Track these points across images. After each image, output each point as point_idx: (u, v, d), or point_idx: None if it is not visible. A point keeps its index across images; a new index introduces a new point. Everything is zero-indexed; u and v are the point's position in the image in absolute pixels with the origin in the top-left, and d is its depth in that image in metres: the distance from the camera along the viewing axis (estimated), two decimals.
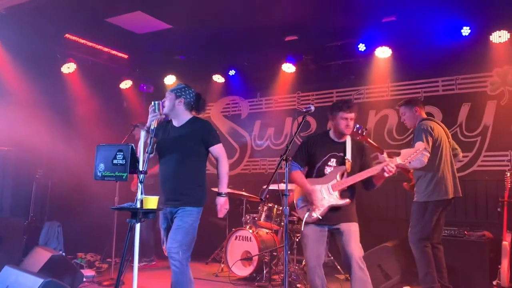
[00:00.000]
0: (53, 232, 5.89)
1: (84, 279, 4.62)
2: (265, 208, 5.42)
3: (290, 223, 5.33)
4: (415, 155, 3.49)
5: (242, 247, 5.20)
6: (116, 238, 6.48)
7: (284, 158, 3.16)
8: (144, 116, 4.11)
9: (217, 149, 3.63)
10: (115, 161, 2.90)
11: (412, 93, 5.95)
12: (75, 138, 6.29)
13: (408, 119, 4.57)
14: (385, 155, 4.28)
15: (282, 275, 5.06)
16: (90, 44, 6.45)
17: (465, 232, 4.93)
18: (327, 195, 3.51)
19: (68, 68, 6.34)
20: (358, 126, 4.11)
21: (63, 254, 4.79)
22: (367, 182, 3.58)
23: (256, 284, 4.93)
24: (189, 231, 3.46)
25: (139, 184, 2.91)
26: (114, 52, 6.85)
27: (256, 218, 5.47)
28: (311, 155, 3.67)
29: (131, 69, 7.26)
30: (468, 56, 5.49)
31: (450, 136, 4.57)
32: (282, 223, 5.38)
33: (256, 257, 5.02)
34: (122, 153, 2.88)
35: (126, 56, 7.07)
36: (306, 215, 3.55)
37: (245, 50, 6.68)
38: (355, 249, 3.42)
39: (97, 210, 6.50)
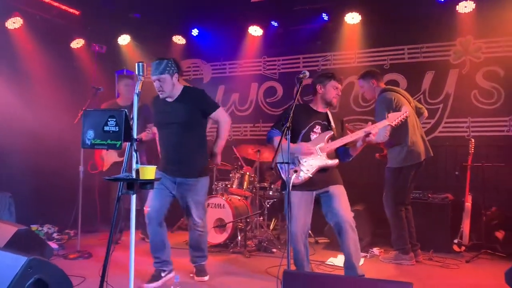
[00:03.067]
0: (4, 203, 5.42)
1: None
2: (238, 175, 5.34)
3: (262, 189, 5.32)
4: (400, 119, 3.57)
5: (214, 214, 5.11)
6: (70, 207, 6.19)
7: (288, 126, 3.06)
8: (97, 77, 4.02)
9: (217, 113, 3.83)
10: (106, 128, 2.64)
11: (379, 60, 6.04)
12: (24, 99, 5.76)
13: (367, 91, 4.71)
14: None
15: (256, 240, 5.09)
16: None
17: (429, 194, 5.19)
18: (316, 156, 3.51)
19: (14, 23, 5.69)
20: None
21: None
22: (344, 153, 3.64)
23: (231, 250, 4.90)
24: (204, 201, 3.92)
25: (133, 153, 2.69)
26: (64, 7, 6.24)
27: (228, 185, 5.39)
28: (294, 122, 3.61)
29: (83, 27, 6.68)
30: (434, 25, 5.63)
31: (412, 101, 4.71)
32: (254, 190, 5.35)
33: (230, 224, 4.97)
34: (114, 119, 2.63)
35: (77, 13, 6.47)
36: (293, 177, 3.50)
37: (207, 10, 6.37)
38: (347, 211, 3.48)
39: (52, 179, 6.11)
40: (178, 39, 6.84)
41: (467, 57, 5.62)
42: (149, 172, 2.73)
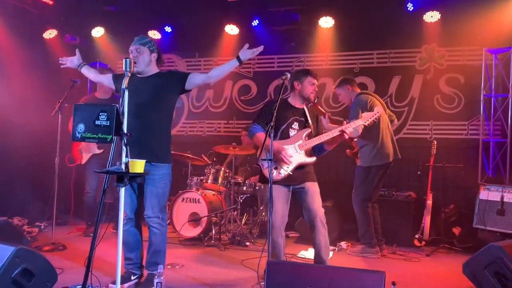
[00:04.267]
0: None
1: None
2: (213, 170, 5.47)
3: (236, 185, 5.47)
4: (373, 118, 3.82)
5: (189, 208, 5.22)
6: (40, 199, 6.12)
7: (272, 125, 3.22)
8: (70, 69, 4.01)
9: (194, 75, 3.56)
10: (97, 122, 2.72)
11: (349, 64, 6.32)
12: None
13: (344, 97, 4.98)
14: (327, 119, 4.63)
15: (229, 234, 5.25)
16: None
17: (393, 192, 5.51)
18: (294, 153, 3.70)
19: None
20: None
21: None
22: (320, 148, 3.84)
23: (205, 244, 5.03)
24: (164, 193, 3.56)
25: (123, 147, 2.78)
26: None
27: (203, 180, 5.51)
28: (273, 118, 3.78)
29: (57, 18, 6.59)
30: (402, 32, 5.95)
31: (385, 106, 5.02)
32: (229, 185, 5.50)
33: (205, 218, 5.10)
34: (105, 114, 2.71)
35: (51, 2, 6.37)
36: (274, 173, 3.67)
37: (184, 7, 6.44)
38: (319, 207, 3.71)
39: (22, 171, 6.03)
40: (154, 34, 6.86)
41: (432, 64, 5.98)
42: (138, 165, 2.83)
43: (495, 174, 5.50)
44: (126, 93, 2.85)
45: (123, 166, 2.78)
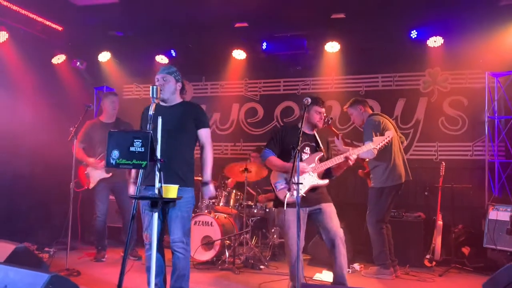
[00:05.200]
0: None
1: None
2: (225, 193, 5.50)
3: (248, 207, 5.49)
4: (383, 143, 3.92)
5: (202, 232, 5.21)
6: (48, 225, 6.07)
7: (298, 149, 3.28)
8: (78, 94, 3.97)
9: (205, 133, 3.65)
10: (132, 149, 2.76)
11: (355, 87, 6.46)
12: (5, 112, 5.69)
13: (356, 117, 5.09)
14: (340, 140, 4.73)
15: (242, 257, 5.24)
16: (23, 12, 5.79)
17: (403, 213, 5.57)
18: (307, 176, 3.79)
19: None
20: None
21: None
22: (328, 173, 3.92)
23: (219, 267, 5.01)
24: (189, 217, 3.59)
25: (157, 172, 2.83)
26: (48, 22, 6.23)
27: (214, 203, 5.52)
28: (285, 143, 3.89)
29: (65, 43, 6.67)
30: (406, 56, 6.12)
31: (396, 127, 5.13)
32: (240, 208, 5.52)
33: (219, 241, 5.10)
34: (140, 140, 2.76)
35: (60, 28, 6.46)
36: (287, 195, 3.72)
37: (190, 31, 6.57)
38: (338, 227, 3.76)
39: (26, 195, 6.00)
40: (161, 59, 6.95)
41: (435, 87, 6.15)
42: (172, 190, 2.87)
43: (501, 195, 5.61)
44: (160, 120, 2.91)
45: (156, 191, 2.82)
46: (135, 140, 2.78)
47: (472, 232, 5.54)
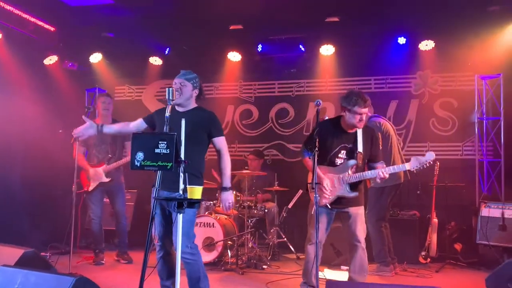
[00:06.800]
0: None
1: None
2: None
3: (248, 208, 5.54)
4: (420, 167, 3.63)
5: (203, 233, 5.22)
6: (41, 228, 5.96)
7: (315, 151, 3.33)
8: (70, 95, 3.90)
9: (221, 141, 3.66)
10: (157, 150, 2.78)
11: (348, 89, 6.49)
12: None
13: None
14: None
15: (244, 258, 5.28)
16: (16, 12, 5.68)
17: (398, 212, 5.73)
18: (338, 185, 3.73)
19: None
20: None
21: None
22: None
23: (222, 268, 5.04)
24: (192, 222, 3.60)
25: (181, 174, 2.85)
26: (40, 23, 6.12)
27: (215, 204, 5.55)
28: (321, 144, 3.61)
29: (57, 44, 6.56)
30: (398, 59, 6.29)
31: (394, 128, 5.28)
32: (240, 209, 5.57)
33: (221, 242, 5.13)
34: (165, 143, 2.78)
35: (52, 29, 6.36)
36: (316, 199, 3.74)
37: (185, 33, 6.57)
38: (361, 233, 3.78)
39: (19, 198, 5.89)
40: (155, 60, 6.93)
41: (426, 89, 6.36)
42: (196, 191, 2.90)
43: (490, 192, 5.84)
44: (183, 122, 2.94)
45: (181, 192, 2.85)
46: (160, 142, 2.80)
47: (464, 229, 5.75)
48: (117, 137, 5.29)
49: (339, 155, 3.79)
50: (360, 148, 3.76)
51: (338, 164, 3.80)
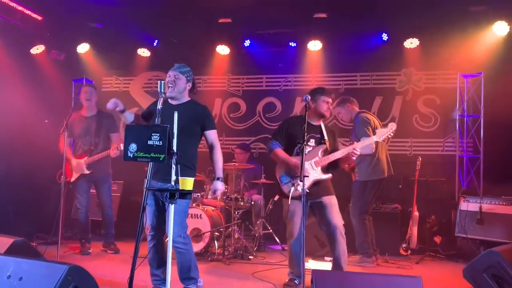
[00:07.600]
0: None
1: None
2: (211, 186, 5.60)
3: (235, 200, 5.62)
4: (387, 135, 4.03)
5: (191, 224, 5.25)
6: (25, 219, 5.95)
7: (303, 143, 3.43)
8: (56, 85, 3.91)
9: (213, 134, 3.78)
10: (150, 142, 2.84)
11: (335, 85, 6.72)
12: None
13: (344, 115, 5.33)
14: None
15: (231, 249, 5.37)
16: (3, 0, 5.62)
17: (380, 205, 5.89)
18: (310, 170, 3.93)
19: None
20: None
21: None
22: (334, 165, 4.08)
23: (209, 258, 5.13)
24: (185, 212, 3.69)
25: (173, 166, 2.92)
26: (28, 11, 6.06)
27: (203, 196, 5.63)
28: (291, 135, 4.02)
29: (44, 33, 6.51)
30: (383, 57, 6.44)
31: (381, 124, 5.42)
32: (227, 201, 5.65)
33: (208, 233, 5.21)
34: (158, 134, 2.84)
35: (40, 18, 6.30)
36: (292, 190, 3.89)
37: (174, 26, 6.58)
38: (338, 220, 3.93)
39: (5, 187, 5.85)
40: (143, 52, 6.93)
41: (410, 86, 6.52)
42: (188, 183, 2.97)
43: (469, 187, 6.05)
44: (176, 114, 2.99)
45: (172, 183, 2.92)
46: (153, 134, 2.86)
47: (443, 222, 5.95)
48: (101, 128, 5.32)
49: (309, 143, 4.00)
50: (325, 137, 4.04)
51: (307, 152, 3.95)
